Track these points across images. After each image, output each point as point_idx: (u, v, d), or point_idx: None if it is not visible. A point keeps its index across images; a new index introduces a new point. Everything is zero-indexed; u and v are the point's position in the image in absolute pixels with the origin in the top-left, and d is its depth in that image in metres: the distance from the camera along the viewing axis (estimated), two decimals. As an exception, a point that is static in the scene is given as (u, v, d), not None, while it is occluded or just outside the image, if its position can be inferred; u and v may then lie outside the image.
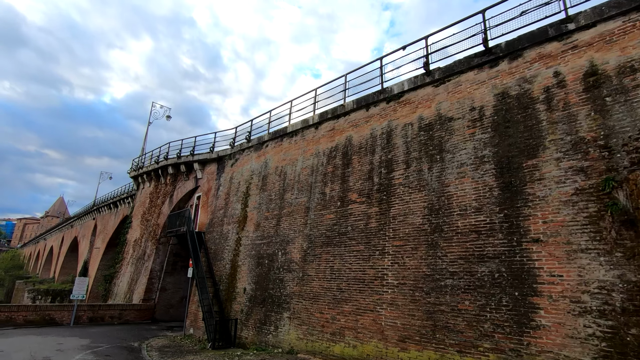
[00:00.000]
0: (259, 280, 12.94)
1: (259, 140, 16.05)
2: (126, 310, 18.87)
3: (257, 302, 12.61)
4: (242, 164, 16.82)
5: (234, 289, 14.10)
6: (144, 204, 24.98)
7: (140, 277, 21.10)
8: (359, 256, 9.72)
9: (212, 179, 19.02)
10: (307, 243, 11.52)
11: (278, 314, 11.54)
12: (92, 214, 45.73)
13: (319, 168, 12.24)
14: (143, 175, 25.67)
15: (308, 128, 13.48)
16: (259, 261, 13.33)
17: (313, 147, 12.90)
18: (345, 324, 9.36)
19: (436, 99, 9.34)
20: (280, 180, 13.85)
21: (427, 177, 8.81)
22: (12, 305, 16.23)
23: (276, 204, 13.57)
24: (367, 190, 10.23)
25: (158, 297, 20.07)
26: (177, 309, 20.51)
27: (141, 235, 23.17)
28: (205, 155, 19.50)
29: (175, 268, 20.93)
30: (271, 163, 14.81)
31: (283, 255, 12.30)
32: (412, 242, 8.60)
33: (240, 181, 16.41)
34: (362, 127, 11.21)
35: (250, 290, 13.18)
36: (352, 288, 9.55)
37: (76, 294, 17.51)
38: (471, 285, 7.23)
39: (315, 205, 11.79)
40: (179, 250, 21.20)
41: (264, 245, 13.35)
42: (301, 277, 11.26)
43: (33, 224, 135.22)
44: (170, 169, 22.02)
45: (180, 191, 21.32)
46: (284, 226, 12.78)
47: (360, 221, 10.06)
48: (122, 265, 24.14)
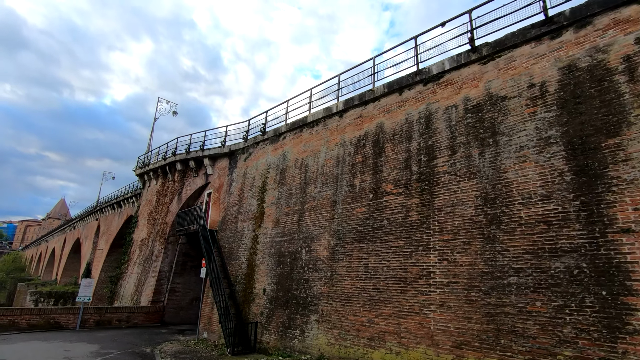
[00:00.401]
0: (281, 280, 12.02)
1: (275, 132, 15.14)
2: (134, 313, 17.95)
3: (279, 304, 11.68)
4: (257, 158, 15.90)
5: (251, 290, 13.17)
6: (150, 203, 24.08)
7: (148, 278, 20.18)
8: (398, 252, 8.79)
9: (223, 174, 18.10)
10: (335, 239, 10.59)
11: (304, 317, 10.61)
12: (95, 215, 44.90)
13: (346, 159, 11.32)
14: (149, 172, 24.76)
15: (331, 117, 12.56)
16: (279, 260, 12.40)
17: (338, 136, 11.98)
18: (386, 327, 8.43)
19: (484, 78, 8.42)
20: (301, 173, 12.93)
21: (479, 164, 7.88)
22: (14, 309, 15.33)
23: (297, 199, 12.65)
24: (405, 180, 9.31)
25: (167, 299, 19.15)
26: (187, 311, 19.59)
27: (148, 235, 22.26)
28: (216, 150, 18.59)
29: (185, 268, 20.01)
30: (290, 155, 13.89)
31: (307, 253, 11.37)
32: (463, 235, 7.67)
33: (255, 176, 15.50)
34: (395, 113, 10.29)
35: (270, 291, 12.25)
36: (392, 288, 8.62)
37: (82, 296, 16.60)
38: (542, 284, 6.29)
39: (343, 199, 10.86)
40: (188, 249, 20.29)
41: (285, 243, 12.42)
42: (329, 277, 10.33)
43: (34, 226, 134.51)
44: (179, 165, 21.11)
45: (189, 188, 20.41)
46: (307, 222, 11.86)
47: (398, 214, 9.13)
48: (129, 266, 23.22)
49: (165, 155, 22.37)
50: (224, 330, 12.28)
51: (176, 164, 21.32)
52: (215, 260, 14.84)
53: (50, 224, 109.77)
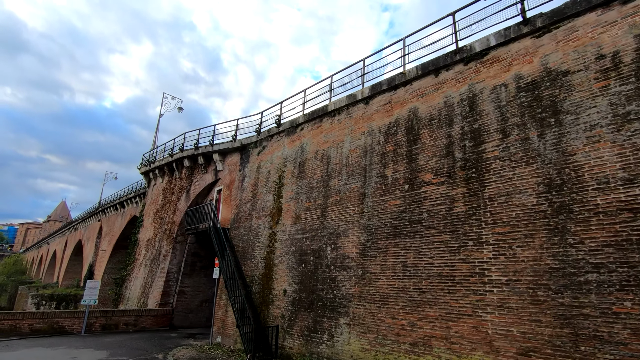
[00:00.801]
0: (303, 280, 11.13)
1: (291, 124, 14.27)
2: (142, 317, 17.06)
3: (303, 306, 10.79)
4: (272, 151, 15.03)
5: (270, 291, 12.28)
6: (156, 201, 23.20)
7: (155, 279, 19.29)
8: (443, 248, 7.91)
9: (234, 170, 17.23)
10: (366, 235, 9.71)
11: (332, 320, 9.72)
12: (97, 216, 44.05)
13: (375, 148, 10.44)
14: (155, 170, 23.88)
15: (355, 104, 11.69)
16: (301, 258, 11.51)
17: (364, 124, 11.11)
18: (432, 331, 7.54)
19: (540, 52, 7.54)
20: (323, 165, 12.05)
21: (538, 146, 7.00)
22: (16, 313, 14.45)
23: (319, 193, 11.78)
24: (447, 168, 8.43)
25: (176, 301, 18.26)
26: (196, 314, 18.70)
27: (154, 235, 21.38)
28: (226, 144, 17.72)
29: (194, 269, 19.12)
30: (309, 147, 13.02)
31: (333, 251, 10.49)
32: (523, 227, 6.78)
33: (271, 170, 14.62)
34: (432, 96, 9.42)
35: (292, 292, 11.37)
36: (437, 287, 7.73)
37: (87, 299, 15.71)
38: (631, 281, 5.41)
39: (373, 191, 9.99)
40: (197, 249, 19.41)
41: (307, 240, 11.54)
42: (361, 276, 9.44)
43: (35, 228, 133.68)
44: (187, 161, 20.24)
45: (197, 185, 19.54)
46: (331, 217, 10.98)
47: (441, 206, 8.25)
48: (134, 267, 22.33)
49: (172, 151, 21.50)
50: (242, 335, 11.39)
51: (184, 161, 20.45)
52: (230, 260, 13.96)
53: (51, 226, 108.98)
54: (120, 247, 35.02)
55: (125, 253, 35.73)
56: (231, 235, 15.51)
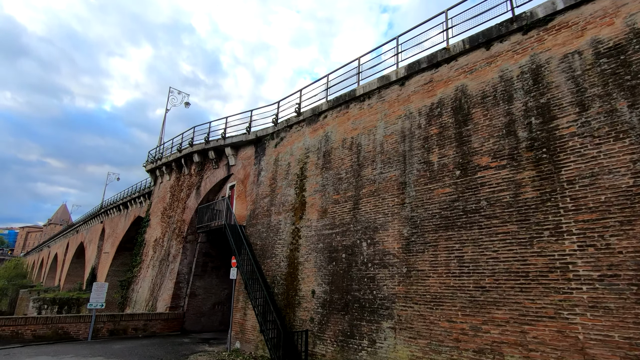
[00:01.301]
0: (335, 279, 10.09)
1: (313, 112, 13.25)
2: (152, 321, 16.00)
3: (336, 308, 9.74)
4: (291, 142, 14.00)
5: (295, 292, 11.24)
6: (163, 200, 22.17)
7: (164, 281, 18.23)
8: (509, 240, 6.87)
9: (249, 164, 16.21)
10: (410, 228, 8.67)
11: (373, 324, 8.67)
12: (99, 218, 43.02)
13: (415, 132, 9.42)
14: (162, 167, 22.86)
15: (388, 86, 10.67)
16: (331, 256, 10.47)
17: (400, 107, 10.09)
18: (502, 337, 6.49)
19: (623, 11, 6.52)
20: (352, 154, 11.03)
21: (631, 118, 5.98)
22: (18, 318, 13.39)
23: (350, 184, 10.74)
24: (509, 149, 7.40)
25: (187, 304, 17.19)
26: (209, 317, 17.63)
27: (163, 234, 20.33)
28: (239, 137, 16.69)
29: (206, 270, 18.06)
30: (335, 135, 11.99)
31: (370, 247, 9.45)
32: (617, 213, 5.75)
33: (291, 162, 13.60)
34: (483, 71, 8.39)
35: (321, 293, 10.32)
36: (506, 285, 6.69)
37: (94, 303, 14.65)
38: None
39: (415, 179, 8.95)
40: (208, 249, 18.36)
41: (337, 236, 10.50)
42: (406, 274, 8.40)
43: (36, 232, 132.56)
44: (196, 156, 19.21)
45: (208, 181, 18.51)
46: (365, 209, 9.94)
47: (503, 192, 7.21)
48: (141, 269, 21.27)
49: (181, 146, 20.47)
50: (267, 341, 10.34)
51: (193, 156, 19.42)
52: (249, 259, 12.91)
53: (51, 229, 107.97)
54: (123, 249, 34.01)
55: (129, 255, 34.74)
56: (248, 232, 14.47)
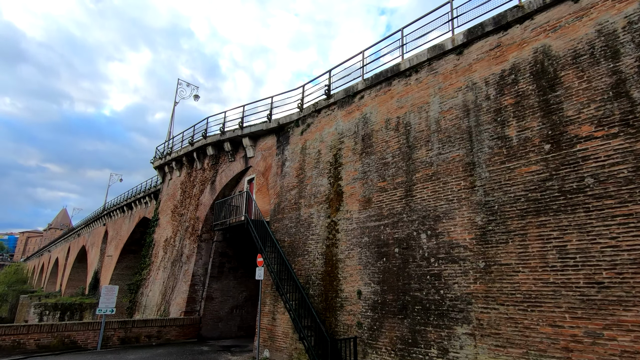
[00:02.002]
0: (387, 278, 8.73)
1: (346, 93, 11.93)
2: (166, 327, 14.61)
3: (390, 311, 8.38)
4: (320, 128, 12.68)
5: (336, 294, 9.88)
6: (173, 197, 20.81)
7: (178, 283, 16.85)
8: (634, 224, 5.52)
9: (270, 155, 14.87)
10: (485, 215, 7.32)
11: (443, 329, 7.31)
12: (102, 220, 41.64)
13: (482, 105, 8.09)
14: (171, 163, 21.50)
15: (442, 57, 9.35)
16: (380, 251, 9.12)
17: (459, 79, 8.76)
18: (636, 345, 5.14)
19: None
20: (400, 135, 9.70)
21: None
22: (19, 326, 12.01)
23: (398, 168, 9.41)
24: (619, 115, 6.07)
25: (203, 309, 15.81)
26: (226, 322, 16.24)
27: (174, 233, 18.96)
28: (259, 126, 15.35)
29: (222, 271, 16.69)
30: (375, 116, 10.67)
31: (431, 239, 8.10)
32: None
33: (321, 149, 12.26)
34: (572, 28, 7.07)
35: (370, 294, 8.96)
36: (635, 280, 5.34)
37: (104, 308, 13.26)
38: None
39: (488, 158, 7.62)
40: (225, 248, 16.99)
41: (387, 228, 9.16)
42: (483, 269, 7.05)
43: (36, 237, 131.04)
44: (210, 149, 17.86)
45: (224, 175, 17.16)
46: (422, 196, 8.60)
47: (618, 166, 5.87)
48: (151, 271, 19.88)
49: (193, 139, 19.12)
50: (309, 350, 8.98)
51: (207, 149, 18.08)
52: (278, 258, 11.55)
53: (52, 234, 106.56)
54: (128, 251, 32.66)
55: (134, 258, 33.36)
56: (273, 228, 13.11)
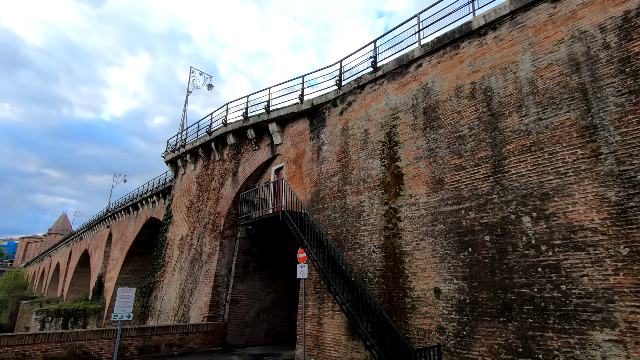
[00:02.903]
0: (476, 272, 7.15)
1: (398, 63, 10.39)
2: (188, 334, 12.97)
3: (486, 313, 6.79)
4: (365, 105, 11.14)
5: (404, 293, 8.29)
6: (188, 192, 19.21)
7: (198, 285, 15.21)
8: None
9: (302, 140, 13.32)
10: (619, 188, 5.76)
11: (571, 335, 5.71)
12: (105, 222, 40.00)
13: (599, 55, 6.54)
14: (185, 155, 19.90)
15: (530, 7, 7.81)
16: (462, 240, 7.54)
17: (559, 29, 7.22)
18: None
19: None
20: (478, 102, 8.15)
21: None
22: (24, 335, 10.38)
23: (479, 141, 7.85)
24: None
25: (228, 313, 14.17)
26: (253, 328, 14.60)
27: (191, 231, 17.35)
28: (289, 109, 13.78)
29: (247, 271, 15.06)
30: (440, 85, 9.13)
31: (537, 222, 6.53)
32: None
33: (369, 129, 10.72)
34: None
35: (453, 292, 7.37)
36: None
37: (120, 313, 11.56)
38: None
39: (617, 118, 6.06)
40: (249, 246, 15.37)
41: (469, 212, 7.58)
42: (628, 256, 5.47)
43: (36, 242, 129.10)
44: (231, 137, 16.28)
45: (247, 166, 15.58)
46: (519, 171, 7.04)
47: None
48: (165, 273, 18.25)
49: (210, 128, 17.53)
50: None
51: (227, 137, 16.49)
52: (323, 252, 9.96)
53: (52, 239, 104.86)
54: (134, 254, 31.05)
55: (140, 260, 31.72)
56: (310, 220, 11.52)
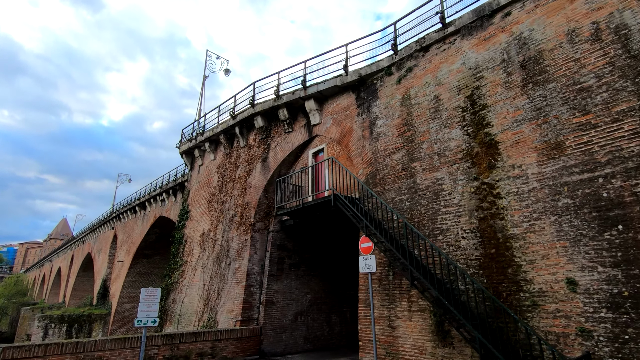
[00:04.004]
0: (637, 256, 5.42)
1: (477, 14, 8.70)
2: (221, 341, 11.19)
3: (661, 310, 5.05)
4: (432, 69, 9.44)
5: (517, 286, 6.56)
6: (208, 184, 17.47)
7: (227, 285, 13.44)
8: None
9: (347, 117, 11.62)
10: None
11: None
12: (109, 224, 38.20)
13: None
14: (203, 144, 18.16)
15: None
16: (605, 216, 5.82)
17: None
18: None
19: None
20: (606, 45, 6.46)
21: None
22: (33, 346, 8.57)
23: (616, 91, 6.15)
24: None
25: (263, 316, 12.39)
26: (290, 333, 12.82)
27: (214, 225, 15.59)
28: (330, 82, 12.07)
29: (282, 268, 13.31)
30: (542, 33, 7.43)
31: None
32: None
33: (440, 95, 9.01)
34: None
35: (598, 283, 5.64)
36: None
37: (144, 318, 9.70)
38: None
39: None
40: (283, 240, 13.61)
41: (612, 180, 5.87)
42: None
43: (36, 248, 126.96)
44: (260, 119, 14.56)
45: (279, 150, 13.86)
46: (690, 123, 5.32)
47: None
48: (184, 273, 16.47)
49: (234, 111, 15.80)
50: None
51: (255, 120, 14.76)
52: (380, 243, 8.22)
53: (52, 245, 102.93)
54: (141, 256, 29.27)
55: (148, 263, 29.87)
56: (368, 205, 9.78)
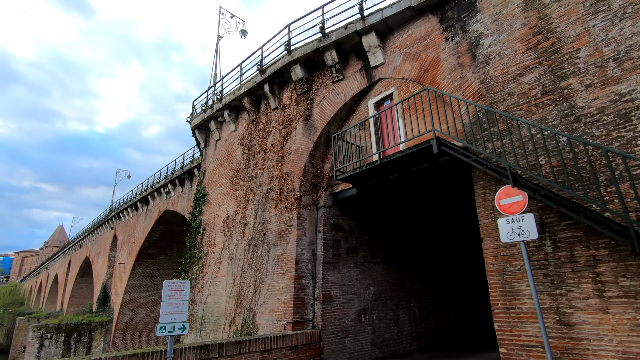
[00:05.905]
0: None
1: None
2: (272, 352, 8.16)
3: None
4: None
5: None
6: (229, 159, 14.42)
7: (267, 277, 10.40)
8: None
9: (427, 47, 8.67)
10: None
11: None
12: (108, 224, 35.09)
13: None
14: (221, 113, 15.09)
15: None
16: None
17: None
18: None
19: None
20: None
21: None
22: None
23: None
24: None
25: (321, 315, 9.37)
26: (355, 337, 9.80)
27: (241, 207, 12.54)
28: (399, 5, 9.11)
29: (339, 254, 10.28)
30: None
31: None
32: None
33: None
34: None
35: None
36: None
37: (169, 323, 6.60)
38: None
39: None
40: (336, 218, 10.59)
41: None
42: None
43: (32, 256, 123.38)
44: (298, 70, 11.52)
45: (327, 104, 10.85)
46: None
47: None
48: (206, 267, 13.40)
49: (262, 64, 12.74)
50: None
51: (291, 71, 11.71)
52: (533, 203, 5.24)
53: (48, 252, 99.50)
54: (145, 256, 26.24)
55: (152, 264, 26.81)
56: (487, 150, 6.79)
